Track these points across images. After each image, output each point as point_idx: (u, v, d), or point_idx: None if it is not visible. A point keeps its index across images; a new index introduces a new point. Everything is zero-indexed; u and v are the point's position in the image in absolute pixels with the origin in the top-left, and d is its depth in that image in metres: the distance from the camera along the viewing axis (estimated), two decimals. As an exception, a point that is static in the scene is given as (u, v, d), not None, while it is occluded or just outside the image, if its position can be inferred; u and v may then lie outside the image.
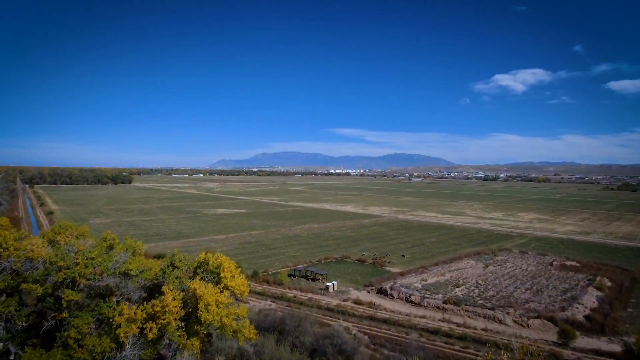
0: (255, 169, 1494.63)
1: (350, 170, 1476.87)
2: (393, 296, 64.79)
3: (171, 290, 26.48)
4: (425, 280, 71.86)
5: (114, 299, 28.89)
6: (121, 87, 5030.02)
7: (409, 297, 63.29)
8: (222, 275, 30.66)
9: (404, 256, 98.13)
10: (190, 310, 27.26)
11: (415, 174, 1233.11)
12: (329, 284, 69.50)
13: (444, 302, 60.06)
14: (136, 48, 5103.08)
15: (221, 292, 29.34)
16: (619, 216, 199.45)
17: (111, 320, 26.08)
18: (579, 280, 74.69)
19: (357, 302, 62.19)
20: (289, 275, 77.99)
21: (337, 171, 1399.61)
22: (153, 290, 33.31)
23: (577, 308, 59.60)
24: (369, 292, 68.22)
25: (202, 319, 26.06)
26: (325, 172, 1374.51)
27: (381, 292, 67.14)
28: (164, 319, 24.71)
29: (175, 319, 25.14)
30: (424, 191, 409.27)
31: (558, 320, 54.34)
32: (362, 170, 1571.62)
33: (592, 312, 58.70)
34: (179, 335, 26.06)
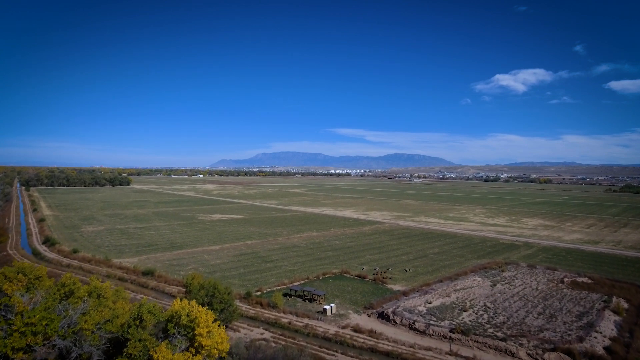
0: (255, 169, 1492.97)
1: (350, 171, 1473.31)
2: (396, 322, 60.11)
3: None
4: (430, 303, 67.14)
5: (67, 364, 24.20)
6: (121, 87, 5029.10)
7: (413, 323, 58.60)
8: (196, 331, 26.03)
9: (406, 270, 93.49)
10: (154, 385, 22.70)
11: (416, 174, 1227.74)
12: (326, 306, 64.81)
13: (451, 331, 55.35)
14: (136, 48, 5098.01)
15: (195, 354, 24.61)
16: (625, 222, 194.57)
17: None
18: (593, 301, 69.99)
19: (357, 329, 57.46)
20: (285, 295, 73.37)
21: (337, 171, 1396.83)
22: (120, 344, 28.68)
23: (595, 338, 54.88)
24: (369, 317, 63.53)
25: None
26: (326, 172, 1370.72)
27: (383, 316, 62.45)
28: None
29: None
30: (425, 193, 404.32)
31: (576, 353, 49.65)
32: (362, 171, 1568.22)
33: (612, 342, 53.99)
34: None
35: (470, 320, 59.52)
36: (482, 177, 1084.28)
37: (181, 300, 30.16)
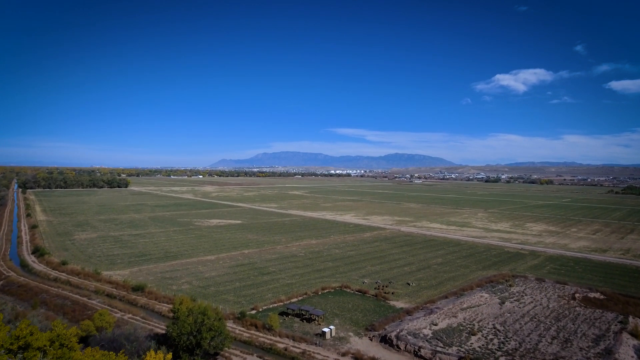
0: (255, 169, 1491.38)
1: (350, 171, 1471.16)
2: (400, 348, 56.06)
3: None
4: (436, 325, 63.06)
5: None
6: (121, 87, 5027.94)
7: (419, 350, 54.54)
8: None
9: (409, 284, 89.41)
10: None
11: (416, 174, 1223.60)
12: (325, 329, 60.77)
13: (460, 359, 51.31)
14: (137, 48, 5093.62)
15: None
16: (631, 227, 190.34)
17: None
18: (609, 322, 65.92)
19: (358, 356, 53.36)
20: (282, 314, 69.32)
21: (337, 172, 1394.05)
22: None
23: (615, 367, 50.86)
24: (371, 340, 59.48)
25: None
26: (326, 172, 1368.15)
27: (386, 341, 58.40)
28: None
29: None
30: (426, 195, 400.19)
31: (597, 388, 45.61)
32: (362, 171, 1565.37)
33: (633, 372, 49.99)
34: None
35: (479, 346, 55.44)
36: (482, 177, 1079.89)
37: (155, 352, 26.11)
